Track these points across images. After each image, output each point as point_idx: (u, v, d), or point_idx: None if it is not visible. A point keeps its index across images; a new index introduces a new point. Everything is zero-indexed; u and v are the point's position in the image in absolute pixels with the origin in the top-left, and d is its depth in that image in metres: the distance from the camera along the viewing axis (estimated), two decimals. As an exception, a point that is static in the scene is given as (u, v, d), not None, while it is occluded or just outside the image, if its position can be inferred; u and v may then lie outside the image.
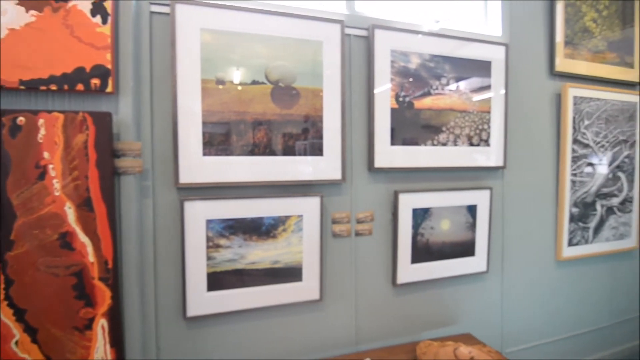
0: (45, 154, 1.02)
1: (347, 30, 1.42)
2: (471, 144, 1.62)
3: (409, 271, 1.54)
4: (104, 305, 1.08)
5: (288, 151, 1.32)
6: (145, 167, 1.18)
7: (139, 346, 1.15)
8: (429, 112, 1.53)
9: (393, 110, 1.47)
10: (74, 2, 1.05)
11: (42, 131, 1.01)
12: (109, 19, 1.09)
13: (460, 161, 1.60)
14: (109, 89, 1.09)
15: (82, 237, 1.05)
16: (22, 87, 1.01)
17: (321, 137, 1.37)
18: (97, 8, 1.07)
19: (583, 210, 1.94)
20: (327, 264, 1.43)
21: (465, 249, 1.65)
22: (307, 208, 1.36)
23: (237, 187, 1.28)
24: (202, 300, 1.25)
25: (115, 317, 1.09)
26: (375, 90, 1.44)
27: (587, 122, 1.91)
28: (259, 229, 1.30)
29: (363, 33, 1.45)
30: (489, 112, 1.64)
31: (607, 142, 1.98)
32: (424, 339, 1.53)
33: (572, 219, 1.91)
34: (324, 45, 1.36)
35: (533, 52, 1.82)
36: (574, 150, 1.88)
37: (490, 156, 1.66)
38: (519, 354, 1.85)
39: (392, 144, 1.48)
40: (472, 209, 1.64)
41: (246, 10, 1.25)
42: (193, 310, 1.24)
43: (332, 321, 1.46)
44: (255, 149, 1.28)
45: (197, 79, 1.20)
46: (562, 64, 1.86)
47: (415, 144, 1.52)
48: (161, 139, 1.21)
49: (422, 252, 1.56)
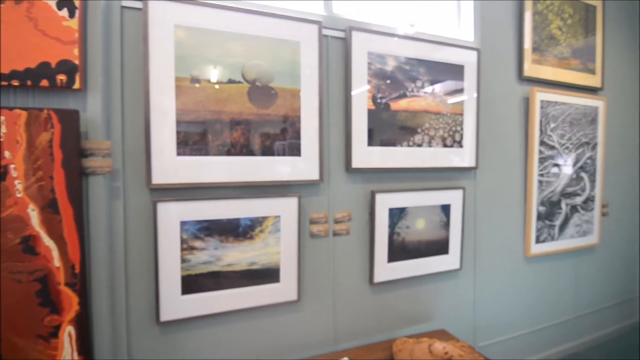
0: (7, 154, 0.96)
1: (325, 31, 1.42)
2: (445, 145, 1.66)
3: (386, 270, 1.57)
4: (71, 311, 1.03)
5: (266, 151, 1.31)
6: (116, 167, 1.14)
7: (108, 354, 1.11)
8: (404, 113, 1.56)
9: (370, 111, 1.49)
10: (37, -7, 1.00)
11: (3, 129, 0.96)
12: (77, 13, 1.04)
13: (435, 162, 1.64)
14: (76, 85, 1.04)
15: (47, 241, 1.00)
16: (-20, 82, 0.95)
17: (299, 138, 1.36)
18: (64, 1, 1.03)
19: (549, 209, 2.04)
20: (305, 264, 1.43)
21: (440, 247, 1.69)
22: (285, 208, 1.35)
23: (213, 187, 1.26)
24: (177, 304, 1.22)
25: (83, 324, 1.05)
26: (353, 92, 1.45)
27: (552, 125, 2.00)
28: (235, 230, 1.28)
29: (340, 34, 1.46)
30: (462, 115, 1.69)
31: (571, 144, 2.09)
32: (401, 336, 1.56)
33: (539, 217, 2.00)
34: (301, 45, 1.36)
35: (503, 57, 1.89)
36: (540, 152, 1.97)
37: (463, 157, 1.71)
38: (490, 347, 1.91)
39: (369, 144, 1.50)
40: (446, 209, 1.69)
41: (222, 8, 1.23)
42: (167, 314, 1.20)
43: (310, 321, 1.46)
44: (232, 149, 1.26)
45: (170, 76, 1.17)
46: (530, 69, 1.95)
47: (392, 144, 1.54)
48: (133, 138, 1.17)
49: (398, 251, 1.59)
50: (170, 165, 1.18)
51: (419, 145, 1.60)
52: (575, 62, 2.12)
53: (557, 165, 2.04)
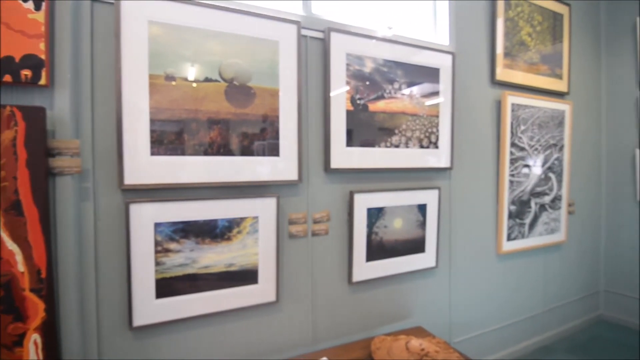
0: (-36, 152, 0.91)
1: (304, 32, 1.42)
2: (421, 146, 1.70)
3: (364, 269, 1.59)
4: (37, 319, 0.99)
5: (244, 151, 1.30)
6: (85, 168, 1.10)
7: (78, 361, 1.07)
8: (382, 115, 1.58)
9: (348, 112, 1.50)
10: (-1, -17, 0.94)
11: (-40, 126, 0.90)
12: (43, 5, 0.99)
13: (412, 162, 1.67)
14: (43, 81, 0.99)
15: (10, 245, 0.95)
16: None
17: (278, 138, 1.36)
18: (28, -8, 0.97)
19: (520, 208, 2.12)
20: (284, 265, 1.43)
21: (416, 245, 1.73)
22: (263, 209, 1.34)
23: (188, 188, 1.23)
24: (151, 308, 1.18)
25: (50, 331, 1.00)
26: (332, 93, 1.46)
27: (523, 127, 2.09)
28: (212, 232, 1.26)
29: (319, 35, 1.47)
30: (438, 117, 1.73)
31: (540, 145, 2.19)
32: (379, 335, 1.58)
33: (511, 215, 2.08)
34: (280, 45, 1.35)
35: (477, 61, 1.95)
36: (512, 153, 2.05)
37: (439, 158, 1.75)
38: (465, 342, 1.97)
39: (348, 145, 1.51)
40: (422, 208, 1.73)
41: (198, 5, 1.21)
42: (140, 319, 1.17)
43: (289, 322, 1.45)
44: (209, 149, 1.24)
45: (144, 74, 1.14)
46: (502, 73, 2.02)
47: (370, 145, 1.56)
48: (104, 137, 1.13)
49: (377, 250, 1.61)
50: (144, 165, 1.14)
51: (397, 146, 1.62)
52: (544, 67, 2.22)
53: (527, 166, 2.12)
